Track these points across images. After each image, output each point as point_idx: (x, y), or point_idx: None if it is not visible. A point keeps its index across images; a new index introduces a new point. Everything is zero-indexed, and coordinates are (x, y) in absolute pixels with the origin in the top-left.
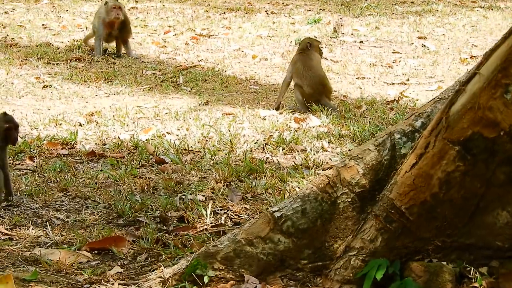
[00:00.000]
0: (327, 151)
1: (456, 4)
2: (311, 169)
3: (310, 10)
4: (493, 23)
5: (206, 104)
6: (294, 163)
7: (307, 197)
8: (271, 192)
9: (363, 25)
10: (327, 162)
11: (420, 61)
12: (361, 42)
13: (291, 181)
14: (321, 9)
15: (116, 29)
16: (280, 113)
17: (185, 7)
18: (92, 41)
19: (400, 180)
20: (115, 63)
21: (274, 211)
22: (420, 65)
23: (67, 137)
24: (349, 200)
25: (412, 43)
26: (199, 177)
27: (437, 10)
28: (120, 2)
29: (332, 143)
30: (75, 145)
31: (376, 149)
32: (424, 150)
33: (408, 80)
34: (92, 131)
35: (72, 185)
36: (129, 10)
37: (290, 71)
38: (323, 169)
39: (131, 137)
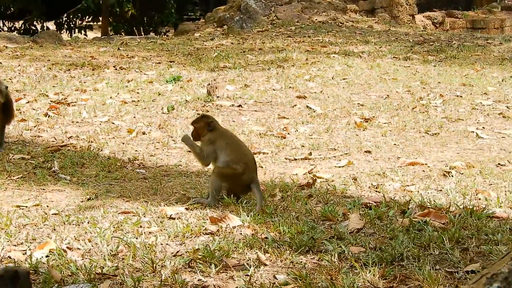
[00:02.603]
0: (266, 265)
1: (308, 50)
2: None
3: (159, 62)
4: (363, 74)
5: (95, 198)
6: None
7: None
8: None
9: (227, 81)
10: (275, 283)
11: (312, 127)
12: (239, 106)
13: None
14: (170, 61)
15: None
16: (187, 209)
17: (25, 65)
18: None
19: None
20: None
21: None
22: (314, 132)
23: None
24: None
25: (295, 105)
26: None
27: (293, 58)
28: None
29: (268, 253)
30: None
31: None
32: None
33: (310, 154)
34: None
35: None
36: None
37: (214, 152)
38: None
39: (26, 256)
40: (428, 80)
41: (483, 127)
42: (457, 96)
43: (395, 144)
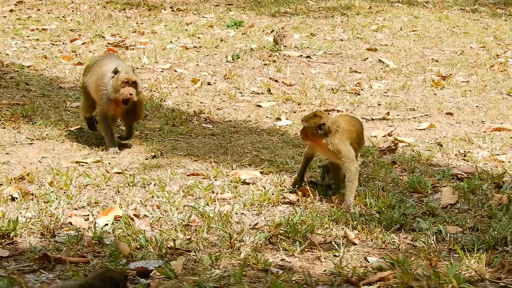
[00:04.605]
0: (355, 244)
1: None
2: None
3: (217, 5)
4: (432, 27)
5: (161, 156)
6: (327, 271)
7: None
8: None
9: (292, 28)
10: (367, 267)
11: (387, 83)
12: (308, 57)
13: None
14: (229, 4)
15: (121, 110)
16: (261, 172)
17: (78, 1)
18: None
19: None
20: (30, 90)
21: None
22: (389, 89)
23: (3, 226)
24: None
25: (366, 58)
26: None
27: (355, 6)
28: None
29: (357, 230)
30: (14, 238)
31: None
32: None
33: (388, 114)
34: (33, 212)
35: None
36: (15, 5)
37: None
38: (370, 283)
39: (88, 223)
40: (502, 36)
41: None
42: None
43: (477, 106)
